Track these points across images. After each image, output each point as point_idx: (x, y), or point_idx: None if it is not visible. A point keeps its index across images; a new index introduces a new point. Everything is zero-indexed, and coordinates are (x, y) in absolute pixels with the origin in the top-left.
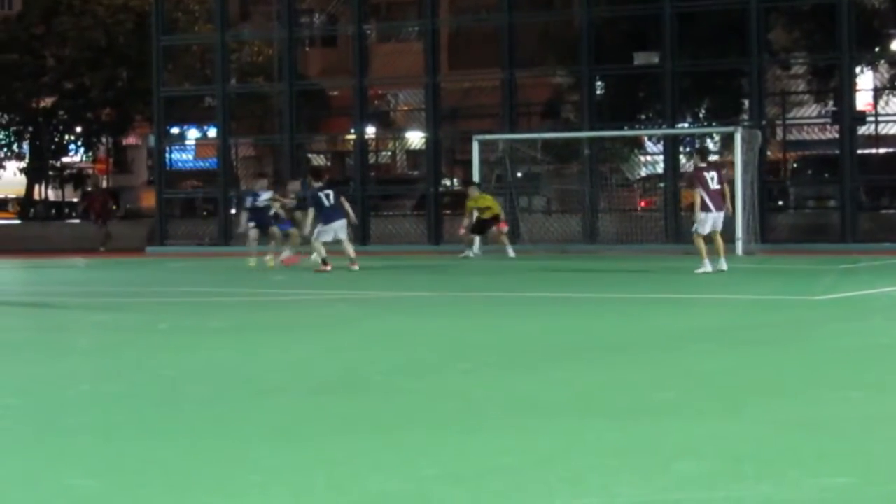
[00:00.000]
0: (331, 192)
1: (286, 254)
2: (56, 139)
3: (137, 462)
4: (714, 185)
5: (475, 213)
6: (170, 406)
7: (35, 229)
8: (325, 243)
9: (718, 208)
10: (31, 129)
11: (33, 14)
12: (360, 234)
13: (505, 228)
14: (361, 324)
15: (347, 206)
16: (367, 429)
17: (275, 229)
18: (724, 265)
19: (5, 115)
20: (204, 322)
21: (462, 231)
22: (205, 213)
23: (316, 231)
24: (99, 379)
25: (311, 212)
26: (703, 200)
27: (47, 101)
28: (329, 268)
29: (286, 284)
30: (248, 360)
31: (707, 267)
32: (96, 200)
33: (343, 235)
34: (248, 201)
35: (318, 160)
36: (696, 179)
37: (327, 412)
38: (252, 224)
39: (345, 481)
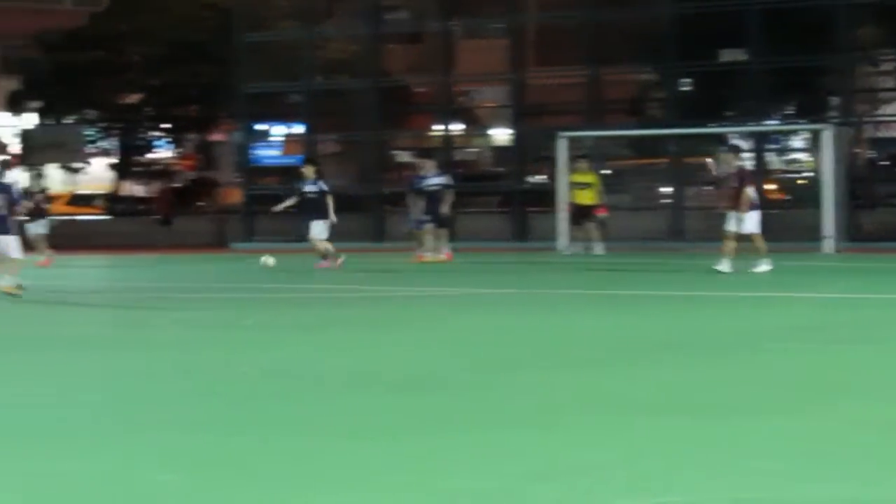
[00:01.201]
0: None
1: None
2: (143, 135)
3: (218, 458)
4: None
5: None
6: (251, 402)
7: (121, 225)
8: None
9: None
10: (118, 125)
11: (119, 12)
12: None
13: (601, 215)
14: (444, 321)
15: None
16: (450, 426)
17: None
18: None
19: (93, 112)
20: (286, 318)
21: (567, 209)
22: (290, 209)
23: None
24: (180, 375)
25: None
26: (751, 199)
27: (134, 98)
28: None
29: (370, 281)
30: (330, 357)
31: (728, 266)
32: (164, 196)
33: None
34: (415, 184)
35: (403, 157)
36: (746, 177)
37: (410, 409)
38: (428, 218)
39: (428, 479)
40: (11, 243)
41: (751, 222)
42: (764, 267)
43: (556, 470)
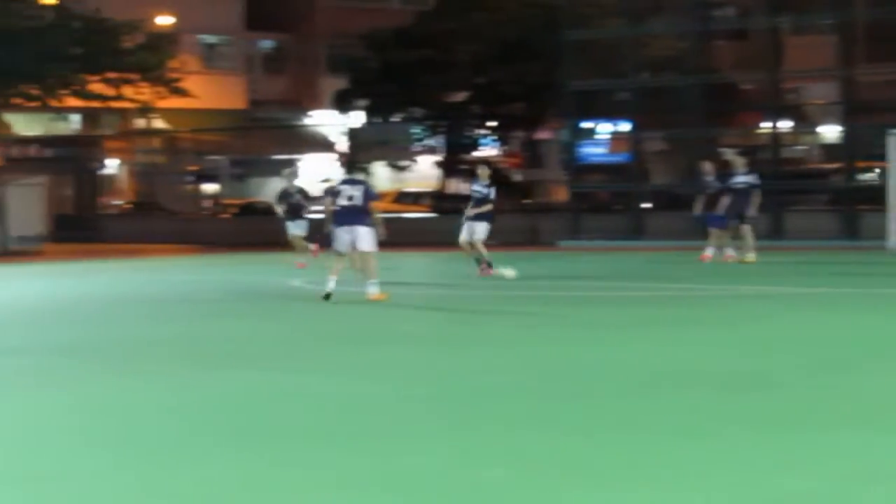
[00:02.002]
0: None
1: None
2: (468, 133)
3: (543, 454)
4: None
5: None
6: (577, 399)
7: (447, 223)
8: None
9: None
10: (444, 123)
11: (447, 11)
12: (773, 229)
13: None
14: (771, 319)
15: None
16: (778, 426)
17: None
18: None
19: (419, 110)
20: (611, 316)
21: None
22: (615, 207)
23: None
24: (511, 370)
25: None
26: None
27: (460, 96)
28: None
29: (693, 279)
30: (656, 355)
31: None
32: None
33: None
34: (723, 182)
35: (730, 155)
36: None
37: (737, 408)
38: (735, 218)
39: (755, 478)
40: (365, 235)
41: None
42: None
43: (887, 472)
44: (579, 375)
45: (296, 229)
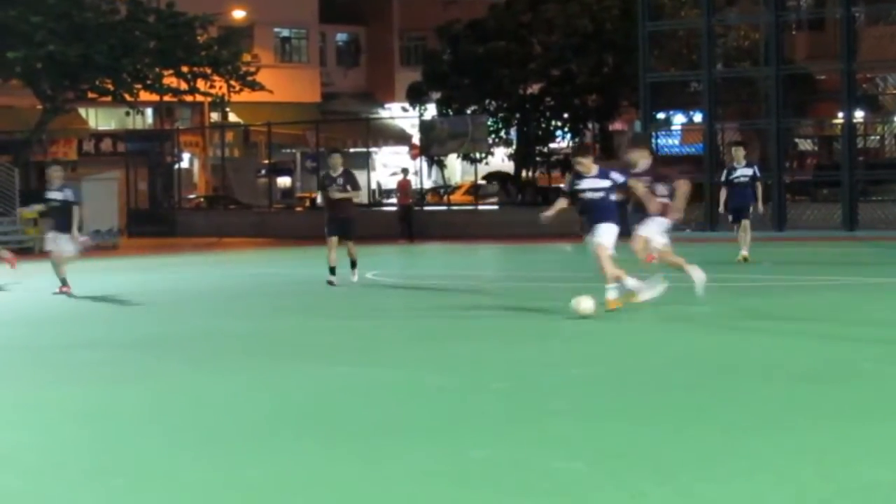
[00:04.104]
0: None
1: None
2: (543, 125)
3: (622, 446)
4: None
5: None
6: (654, 392)
7: (522, 214)
8: None
9: None
10: (518, 115)
11: (521, 2)
12: (849, 220)
13: None
14: (851, 311)
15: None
16: (856, 417)
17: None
18: None
19: (493, 102)
20: (688, 308)
21: None
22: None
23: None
24: (585, 363)
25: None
26: None
27: (534, 88)
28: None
29: (772, 271)
30: (735, 347)
31: None
32: None
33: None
34: (726, 175)
35: (805, 145)
36: None
37: (815, 399)
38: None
39: (833, 469)
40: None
41: None
42: None
43: None
44: (659, 368)
45: None
